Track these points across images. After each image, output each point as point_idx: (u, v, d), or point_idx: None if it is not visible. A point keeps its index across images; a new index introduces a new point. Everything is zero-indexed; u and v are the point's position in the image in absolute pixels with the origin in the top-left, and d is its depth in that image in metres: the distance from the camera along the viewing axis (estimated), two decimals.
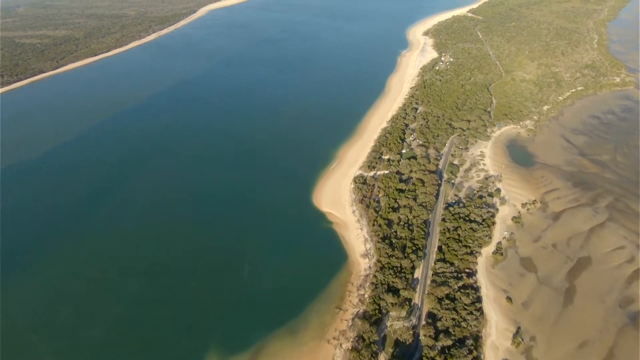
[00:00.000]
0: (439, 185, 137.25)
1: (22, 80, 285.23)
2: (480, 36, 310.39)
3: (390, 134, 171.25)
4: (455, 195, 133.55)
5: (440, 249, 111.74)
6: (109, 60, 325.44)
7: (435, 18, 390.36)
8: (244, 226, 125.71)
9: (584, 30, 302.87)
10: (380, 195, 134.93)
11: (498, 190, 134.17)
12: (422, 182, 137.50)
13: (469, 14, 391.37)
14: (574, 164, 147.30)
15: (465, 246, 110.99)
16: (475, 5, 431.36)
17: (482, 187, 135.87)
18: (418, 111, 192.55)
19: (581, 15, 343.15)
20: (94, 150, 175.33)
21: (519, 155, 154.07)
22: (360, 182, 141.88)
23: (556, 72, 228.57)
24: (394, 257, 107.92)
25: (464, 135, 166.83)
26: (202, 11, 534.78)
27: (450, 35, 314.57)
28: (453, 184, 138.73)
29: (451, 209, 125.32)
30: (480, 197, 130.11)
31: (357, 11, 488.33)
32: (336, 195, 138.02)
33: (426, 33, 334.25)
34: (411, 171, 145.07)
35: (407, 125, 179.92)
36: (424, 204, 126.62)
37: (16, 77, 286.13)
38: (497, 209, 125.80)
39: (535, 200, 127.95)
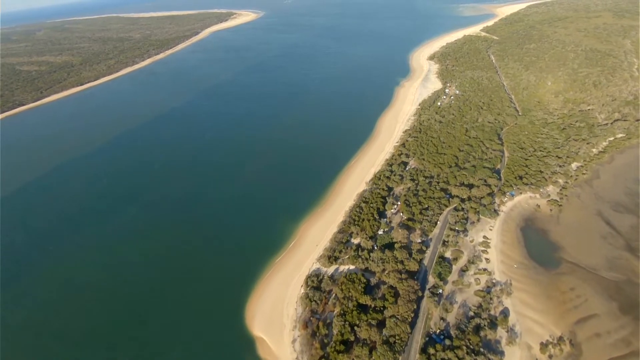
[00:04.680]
0: (420, 299, 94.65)
1: None
2: (494, 61, 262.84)
3: (367, 203, 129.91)
4: (442, 318, 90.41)
5: None
6: (93, 90, 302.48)
7: (445, 38, 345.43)
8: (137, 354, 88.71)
9: (619, 52, 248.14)
10: (335, 313, 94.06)
11: (505, 312, 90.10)
12: (396, 293, 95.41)
13: (483, 33, 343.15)
14: (618, 266, 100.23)
15: None
16: (490, 23, 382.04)
17: (482, 305, 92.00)
18: (407, 167, 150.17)
19: (615, 33, 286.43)
20: (38, 201, 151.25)
21: (538, 247, 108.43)
22: (313, 287, 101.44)
23: (587, 111, 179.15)
24: None
25: (463, 209, 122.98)
26: (206, 32, 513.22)
27: (458, 61, 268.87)
28: (440, 296, 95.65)
29: (432, 350, 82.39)
30: (478, 328, 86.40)
31: (363, 31, 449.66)
32: (277, 308, 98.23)
33: (431, 57, 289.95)
34: (384, 270, 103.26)
35: (390, 189, 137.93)
36: (391, 340, 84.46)
37: None
38: (502, 354, 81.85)
39: (561, 338, 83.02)
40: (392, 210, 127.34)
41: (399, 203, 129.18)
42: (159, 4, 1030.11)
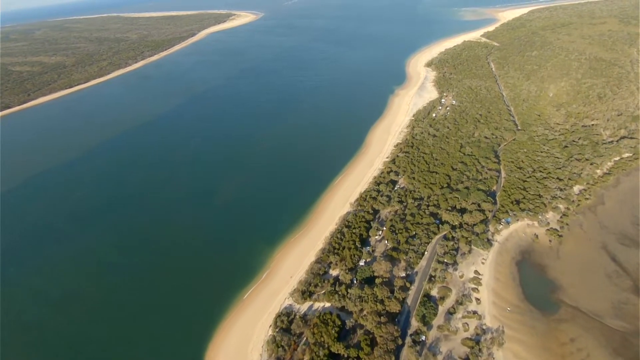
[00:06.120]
0: (399, 348, 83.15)
1: None
2: (494, 69, 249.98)
3: (350, 228, 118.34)
4: None
5: None
6: (82, 94, 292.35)
7: (444, 43, 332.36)
8: None
9: (625, 62, 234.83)
10: None
11: None
12: (372, 341, 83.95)
13: (483, 39, 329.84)
14: (624, 312, 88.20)
15: None
16: (491, 28, 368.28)
17: (469, 358, 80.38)
18: (396, 187, 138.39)
19: (621, 41, 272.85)
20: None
21: (535, 286, 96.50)
22: (282, 328, 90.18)
23: (591, 126, 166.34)
24: None
25: (453, 238, 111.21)
26: (202, 34, 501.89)
27: (456, 68, 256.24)
28: (423, 345, 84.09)
29: None
30: None
31: (362, 35, 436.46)
32: (241, 353, 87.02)
33: (429, 64, 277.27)
34: (361, 311, 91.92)
35: (376, 212, 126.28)
36: None
37: None
38: None
39: None
40: (376, 237, 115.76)
41: (384, 229, 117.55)
42: (160, 4, 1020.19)
